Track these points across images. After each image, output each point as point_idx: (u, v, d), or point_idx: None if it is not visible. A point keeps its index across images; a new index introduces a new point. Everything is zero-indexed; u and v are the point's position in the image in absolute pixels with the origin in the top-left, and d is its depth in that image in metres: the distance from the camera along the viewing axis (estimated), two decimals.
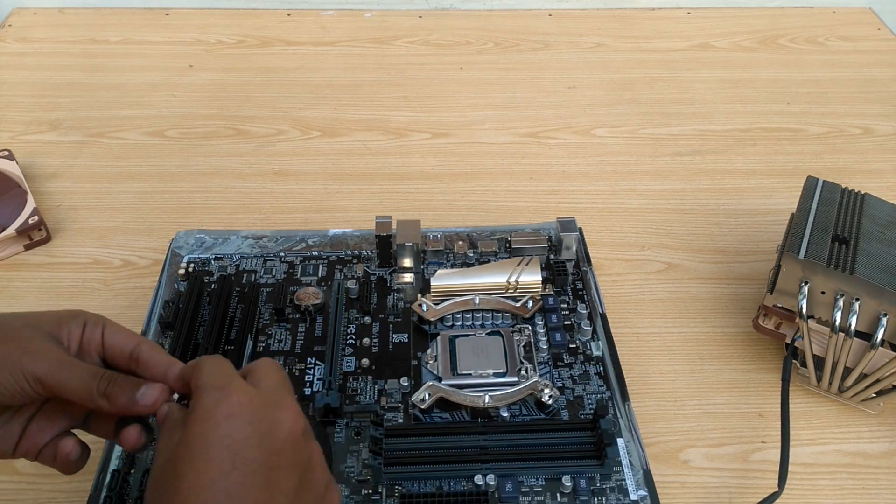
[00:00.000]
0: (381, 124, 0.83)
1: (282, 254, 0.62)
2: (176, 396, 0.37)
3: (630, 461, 0.49)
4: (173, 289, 0.59)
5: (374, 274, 0.61)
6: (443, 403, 0.51)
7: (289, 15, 1.01)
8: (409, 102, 0.86)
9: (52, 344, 0.37)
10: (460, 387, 0.51)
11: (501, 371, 0.53)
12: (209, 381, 0.33)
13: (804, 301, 0.52)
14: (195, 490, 0.28)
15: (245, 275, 0.61)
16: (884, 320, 0.50)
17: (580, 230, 0.63)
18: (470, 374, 0.52)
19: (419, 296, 0.58)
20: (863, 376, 0.53)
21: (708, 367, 0.59)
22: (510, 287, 0.58)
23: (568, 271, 0.61)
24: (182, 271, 0.60)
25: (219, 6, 1.02)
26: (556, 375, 0.54)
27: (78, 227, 0.69)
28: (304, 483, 0.32)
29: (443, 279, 0.58)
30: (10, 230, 0.65)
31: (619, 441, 0.50)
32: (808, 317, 0.53)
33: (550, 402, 0.51)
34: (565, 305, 0.59)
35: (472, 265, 0.61)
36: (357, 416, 0.51)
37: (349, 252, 0.63)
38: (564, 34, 0.99)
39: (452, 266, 0.61)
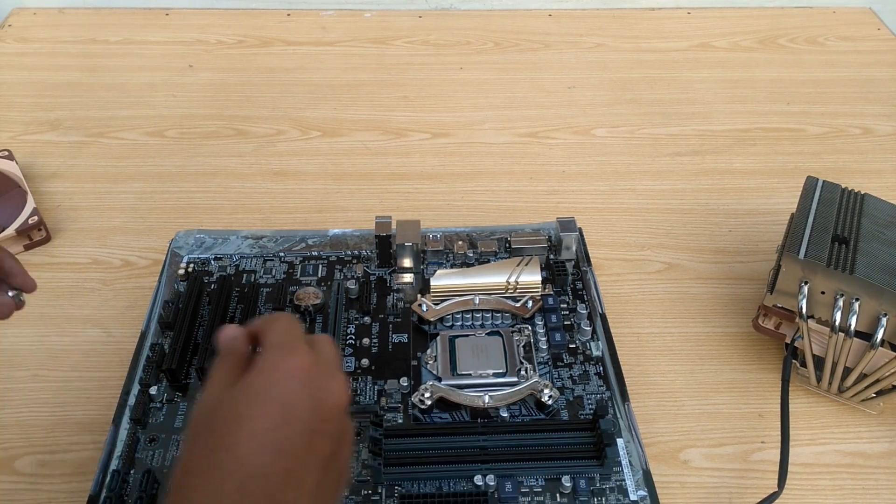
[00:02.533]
0: (381, 124, 0.83)
1: (281, 254, 0.62)
2: None
3: (630, 461, 0.49)
4: (173, 289, 0.59)
5: (374, 274, 0.61)
6: (442, 404, 0.51)
7: (289, 15, 1.01)
8: (409, 102, 0.86)
9: None
10: (460, 387, 0.51)
11: (501, 371, 0.53)
12: (278, 339, 0.35)
13: (804, 301, 0.52)
14: (249, 435, 0.31)
15: (245, 275, 0.61)
16: (883, 320, 0.50)
17: (580, 230, 0.63)
18: (470, 375, 0.52)
19: (419, 296, 0.58)
20: (863, 376, 0.53)
21: (708, 367, 0.59)
22: (510, 287, 0.58)
23: (568, 271, 0.61)
24: (182, 271, 0.60)
25: (219, 6, 1.02)
26: (556, 375, 0.54)
27: (78, 227, 0.69)
28: (336, 454, 0.34)
29: (442, 279, 0.58)
30: (10, 230, 0.65)
31: (619, 441, 0.50)
32: (808, 317, 0.53)
33: (550, 402, 0.51)
34: (565, 305, 0.59)
35: (472, 265, 0.61)
36: (357, 417, 0.51)
37: (349, 252, 0.63)
38: (564, 34, 0.99)
39: (452, 266, 0.61)
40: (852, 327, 0.51)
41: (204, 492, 0.30)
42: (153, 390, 0.51)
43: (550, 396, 0.51)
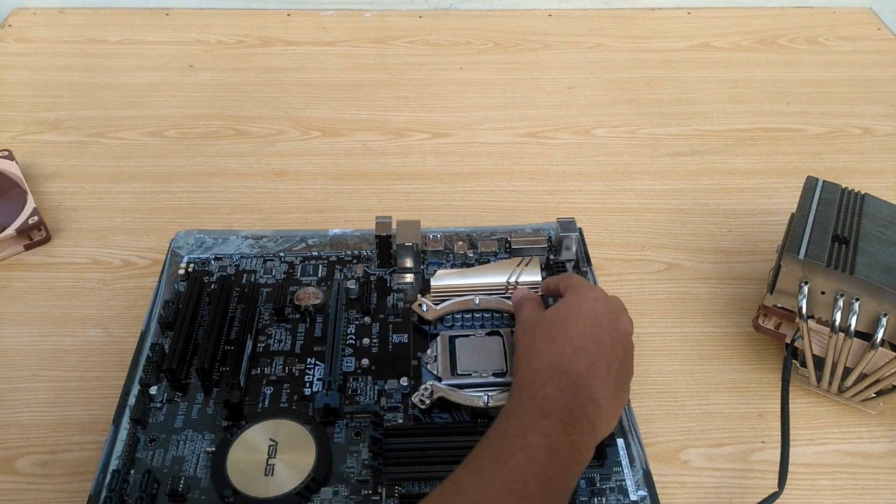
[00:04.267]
0: (381, 124, 0.83)
1: (282, 254, 0.62)
2: None
3: (630, 461, 0.49)
4: (173, 289, 0.59)
5: (374, 274, 0.61)
6: (443, 404, 0.51)
7: (289, 15, 1.01)
8: (409, 102, 0.86)
9: None
10: (460, 387, 0.51)
11: (501, 371, 0.52)
12: (578, 281, 0.51)
13: (804, 301, 0.52)
14: (574, 327, 0.45)
15: (245, 275, 0.61)
16: (883, 320, 0.50)
17: (580, 230, 0.63)
18: (469, 375, 0.52)
19: (419, 296, 0.58)
20: (863, 376, 0.53)
21: (708, 367, 0.59)
22: (510, 287, 0.58)
23: (568, 272, 0.61)
24: (182, 271, 0.60)
25: (219, 6, 1.02)
26: None
27: (78, 227, 0.69)
28: (625, 363, 0.47)
29: (443, 279, 0.58)
30: (10, 230, 0.65)
31: (619, 441, 0.49)
32: (808, 317, 0.53)
33: None
34: None
35: (472, 265, 0.61)
36: (357, 417, 0.51)
37: (349, 252, 0.63)
38: (564, 34, 0.99)
39: (452, 266, 0.61)
40: (852, 327, 0.51)
41: (550, 353, 0.44)
42: (153, 390, 0.51)
43: None
